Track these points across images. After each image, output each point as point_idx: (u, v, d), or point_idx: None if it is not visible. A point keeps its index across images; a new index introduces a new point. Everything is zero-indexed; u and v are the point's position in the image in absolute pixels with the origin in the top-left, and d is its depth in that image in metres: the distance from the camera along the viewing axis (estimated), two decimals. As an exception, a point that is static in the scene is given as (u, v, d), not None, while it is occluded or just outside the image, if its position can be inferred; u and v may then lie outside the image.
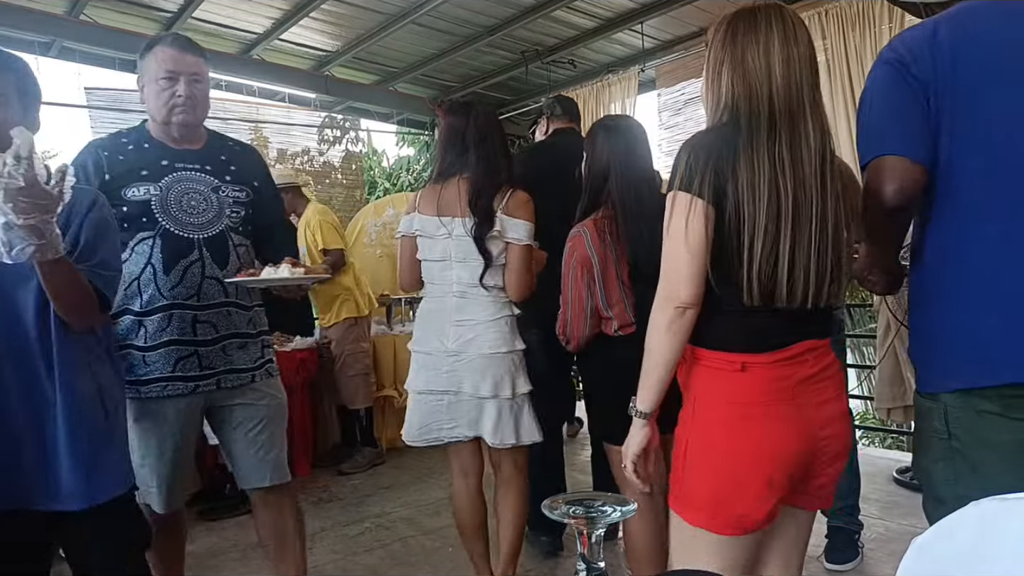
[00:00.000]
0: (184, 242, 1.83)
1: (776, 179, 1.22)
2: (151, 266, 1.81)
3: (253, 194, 1.98)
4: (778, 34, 1.27)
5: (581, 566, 0.77)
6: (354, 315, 4.26)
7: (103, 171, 1.79)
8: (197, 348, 1.85)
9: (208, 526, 3.34)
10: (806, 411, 1.28)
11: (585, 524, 0.77)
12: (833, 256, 1.28)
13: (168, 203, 1.82)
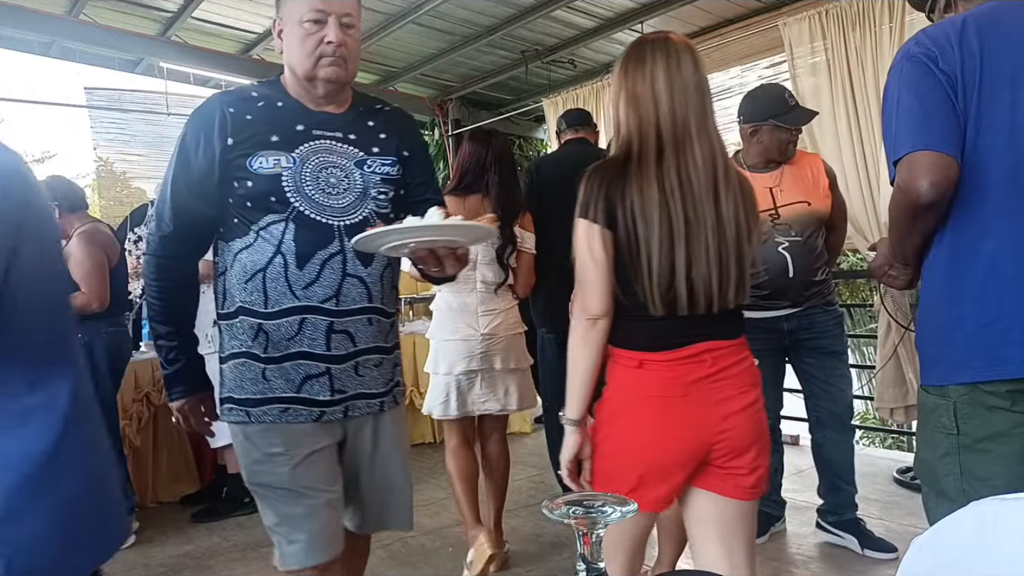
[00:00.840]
0: (322, 229, 1.44)
1: (665, 201, 1.35)
2: (281, 257, 1.43)
3: (403, 169, 1.57)
4: (662, 65, 1.42)
5: (581, 566, 0.77)
6: None
7: (226, 134, 1.43)
8: (330, 365, 1.47)
9: (208, 526, 3.34)
10: (700, 407, 1.39)
11: (585, 524, 0.76)
12: (735, 262, 1.39)
13: (303, 179, 1.44)
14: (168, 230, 1.48)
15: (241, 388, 1.49)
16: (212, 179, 1.44)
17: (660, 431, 1.39)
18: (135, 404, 3.56)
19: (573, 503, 0.80)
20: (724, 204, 1.38)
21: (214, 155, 1.43)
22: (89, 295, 2.95)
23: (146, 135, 5.59)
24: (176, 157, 1.47)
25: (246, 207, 1.44)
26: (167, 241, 1.49)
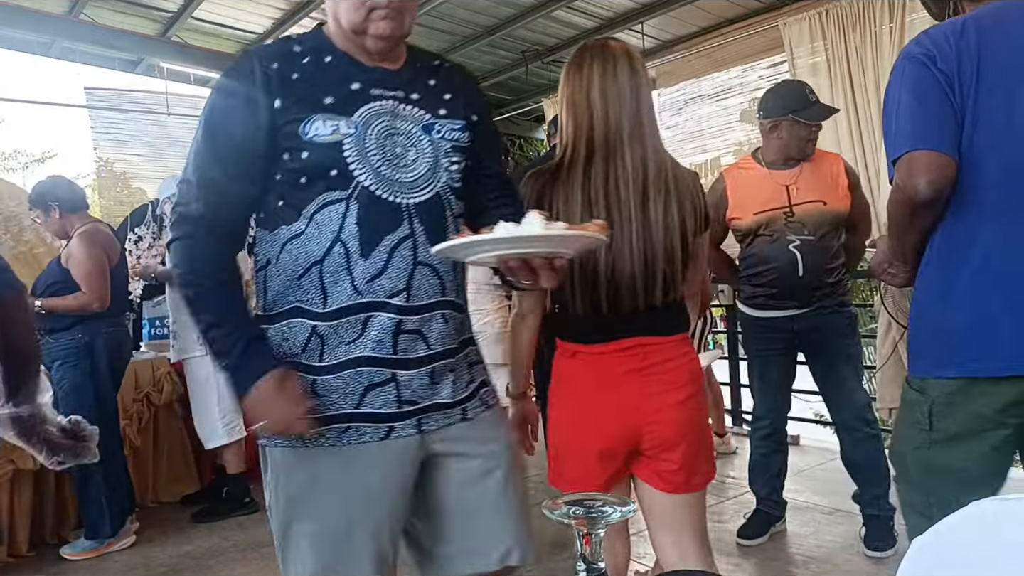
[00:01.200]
0: (389, 209, 1.17)
1: (589, 206, 1.41)
2: (342, 245, 1.16)
3: (472, 135, 1.29)
4: (598, 72, 1.46)
5: (581, 566, 0.77)
6: None
7: (272, 94, 1.15)
8: (396, 372, 1.20)
9: (208, 526, 3.34)
10: (629, 398, 1.43)
11: (585, 524, 0.76)
12: (665, 262, 1.43)
13: (367, 149, 1.17)
14: (197, 211, 1.18)
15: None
16: (256, 151, 1.16)
17: (591, 417, 1.46)
18: (135, 404, 3.56)
19: (573, 503, 0.80)
20: (652, 207, 1.42)
21: (259, 121, 1.15)
22: (90, 295, 2.95)
23: (146, 135, 5.59)
24: (204, 128, 1.19)
25: (298, 185, 1.17)
26: (197, 222, 1.18)
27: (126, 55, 5.39)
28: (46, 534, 3.19)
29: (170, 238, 1.22)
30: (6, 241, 4.33)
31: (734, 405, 5.01)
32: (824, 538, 2.84)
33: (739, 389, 4.93)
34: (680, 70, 5.43)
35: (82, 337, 2.99)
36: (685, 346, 1.50)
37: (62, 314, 2.97)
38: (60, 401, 3.01)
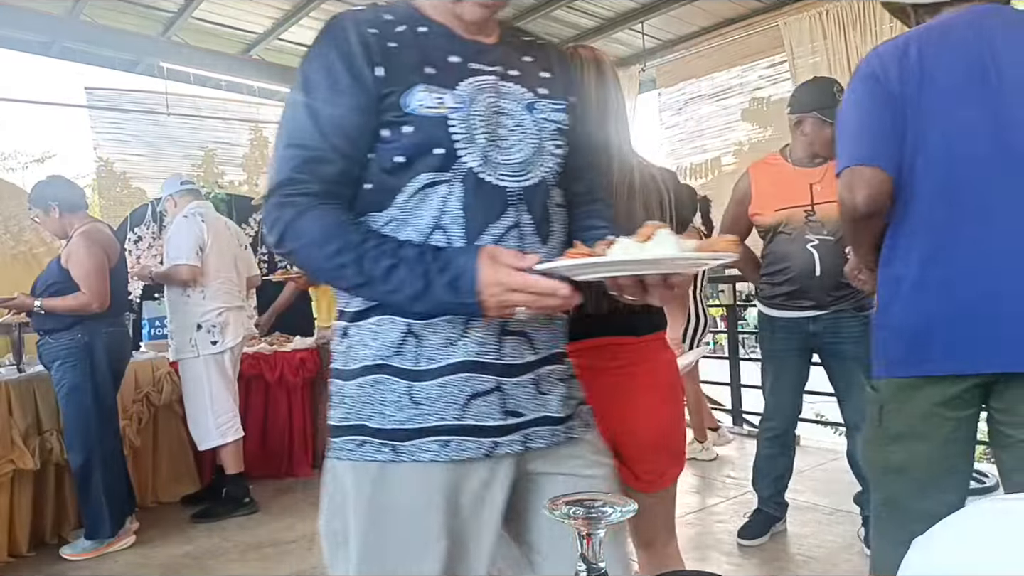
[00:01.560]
0: (496, 195, 1.06)
1: None
2: (442, 233, 1.04)
3: (571, 118, 1.18)
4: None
5: (581, 567, 0.77)
6: None
7: (373, 60, 1.03)
8: (501, 379, 1.07)
9: (208, 526, 3.34)
10: (601, 399, 1.38)
11: (585, 524, 0.76)
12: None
13: (473, 126, 1.05)
14: (306, 190, 1.03)
15: (381, 415, 1.06)
16: (359, 125, 1.03)
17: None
18: (135, 404, 3.56)
19: (573, 503, 0.80)
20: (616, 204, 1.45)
21: (363, 91, 1.02)
22: (89, 295, 2.95)
23: (146, 135, 5.59)
24: (304, 99, 1.05)
25: (393, 167, 1.04)
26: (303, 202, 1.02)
27: (126, 55, 5.40)
28: (46, 534, 3.18)
29: (279, 229, 1.03)
30: (6, 241, 4.34)
31: (734, 405, 5.01)
32: (824, 538, 2.84)
33: (739, 389, 4.93)
34: (680, 70, 5.43)
35: (82, 337, 2.99)
36: (658, 344, 1.54)
37: (62, 314, 2.97)
38: (60, 401, 3.02)
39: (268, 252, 5.41)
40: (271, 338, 4.46)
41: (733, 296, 5.01)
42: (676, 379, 1.56)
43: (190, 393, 3.47)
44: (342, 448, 1.10)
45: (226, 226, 3.74)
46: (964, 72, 1.31)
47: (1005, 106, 1.29)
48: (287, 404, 4.16)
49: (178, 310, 3.47)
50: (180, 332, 3.45)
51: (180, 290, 3.45)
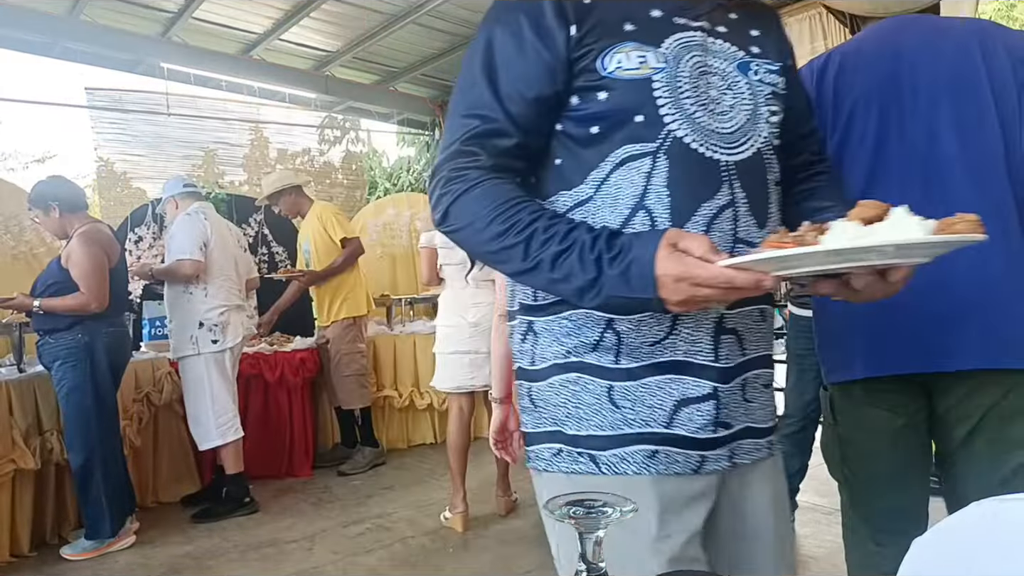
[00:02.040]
0: (707, 168, 0.90)
1: None
2: (646, 214, 0.90)
3: (787, 81, 1.02)
4: None
5: (582, 567, 0.77)
6: (352, 315, 4.18)
7: (566, 18, 0.90)
8: (717, 385, 0.92)
9: (209, 526, 3.35)
10: None
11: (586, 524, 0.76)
12: None
13: (680, 89, 0.90)
14: (476, 164, 0.92)
15: (577, 419, 0.94)
16: (547, 92, 0.92)
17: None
18: (136, 404, 3.56)
19: (573, 503, 0.80)
20: None
21: (553, 53, 0.90)
22: (88, 295, 2.95)
23: (147, 135, 5.58)
24: (483, 63, 0.93)
25: (587, 138, 0.92)
26: (474, 177, 0.91)
27: (126, 55, 5.39)
28: (47, 534, 3.19)
29: (444, 205, 0.93)
30: (6, 241, 4.33)
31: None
32: (824, 538, 2.84)
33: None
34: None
35: (82, 337, 2.99)
36: None
37: (61, 314, 2.97)
38: (60, 401, 3.02)
39: (268, 252, 5.41)
40: (271, 338, 4.47)
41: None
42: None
43: (191, 392, 3.47)
44: (539, 457, 0.98)
45: (227, 227, 3.75)
46: (875, 88, 1.36)
47: (911, 119, 1.33)
48: (287, 404, 4.16)
49: (180, 308, 3.47)
50: (181, 330, 3.45)
51: (182, 288, 3.46)
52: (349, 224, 4.23)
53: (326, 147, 6.48)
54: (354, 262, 4.21)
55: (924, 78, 1.32)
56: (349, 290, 4.19)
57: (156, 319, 4.01)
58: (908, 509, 1.43)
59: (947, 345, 1.28)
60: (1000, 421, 1.29)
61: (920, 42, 1.36)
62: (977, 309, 1.26)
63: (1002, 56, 1.29)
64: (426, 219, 5.84)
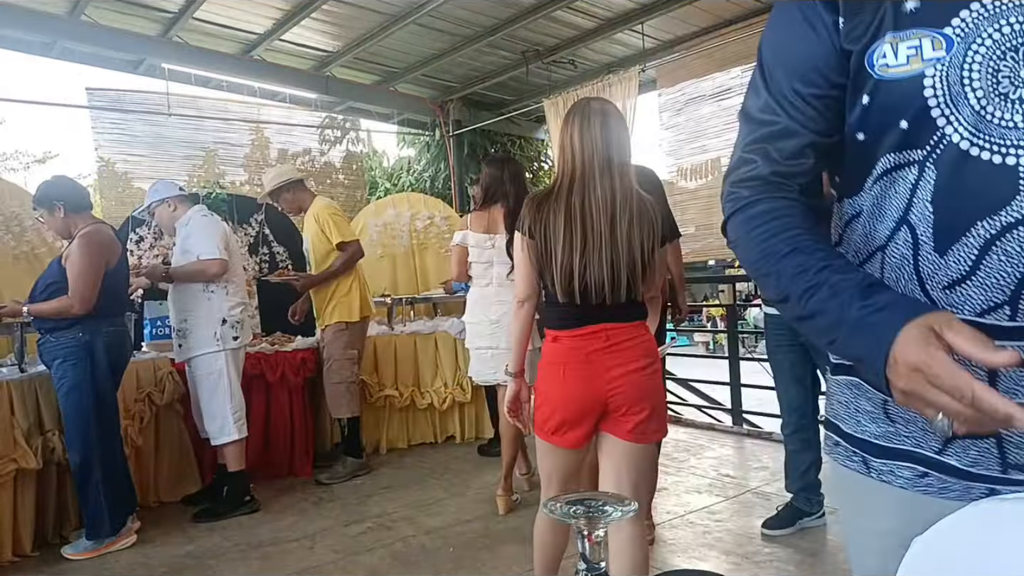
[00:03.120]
0: (992, 177, 0.74)
1: (569, 224, 1.84)
2: (908, 231, 0.80)
3: None
4: (577, 124, 1.90)
5: (582, 566, 0.77)
6: (345, 320, 4.01)
7: (834, 9, 0.80)
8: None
9: (209, 526, 3.35)
10: (595, 370, 1.83)
11: (586, 524, 0.77)
12: (627, 269, 1.84)
13: (965, 80, 0.74)
14: (755, 173, 0.87)
15: (856, 420, 0.90)
16: (821, 85, 0.83)
17: (568, 387, 1.85)
18: (137, 404, 3.56)
19: (574, 503, 0.80)
20: (618, 227, 1.83)
21: (821, 43, 0.82)
22: (71, 297, 2.94)
23: (147, 136, 5.59)
24: (759, 65, 0.88)
25: (856, 145, 0.83)
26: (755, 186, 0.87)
27: (127, 55, 5.40)
28: (49, 534, 3.19)
29: (725, 224, 0.91)
30: (7, 241, 4.34)
31: (734, 404, 5.01)
32: (824, 538, 2.84)
33: (739, 389, 4.94)
34: (680, 71, 5.43)
35: (82, 336, 2.99)
36: (640, 330, 1.90)
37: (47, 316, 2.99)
38: (60, 399, 3.02)
39: (269, 252, 5.42)
40: (272, 338, 4.47)
41: (733, 296, 5.03)
42: (657, 355, 1.92)
43: (207, 388, 3.47)
44: (825, 442, 0.98)
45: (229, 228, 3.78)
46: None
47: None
48: (288, 404, 4.16)
49: (200, 306, 3.46)
50: (203, 327, 3.44)
51: (202, 287, 3.46)
52: (348, 226, 4.08)
53: (326, 147, 6.49)
54: (352, 266, 4.06)
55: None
56: (344, 294, 4.03)
57: (157, 319, 4.00)
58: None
59: None
60: None
61: None
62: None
63: None
64: (426, 219, 5.86)
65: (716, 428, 5.01)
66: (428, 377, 4.74)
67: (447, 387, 4.73)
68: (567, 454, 1.91)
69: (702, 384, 6.05)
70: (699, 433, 4.85)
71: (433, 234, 5.86)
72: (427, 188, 7.13)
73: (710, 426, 5.10)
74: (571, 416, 1.85)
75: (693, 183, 5.38)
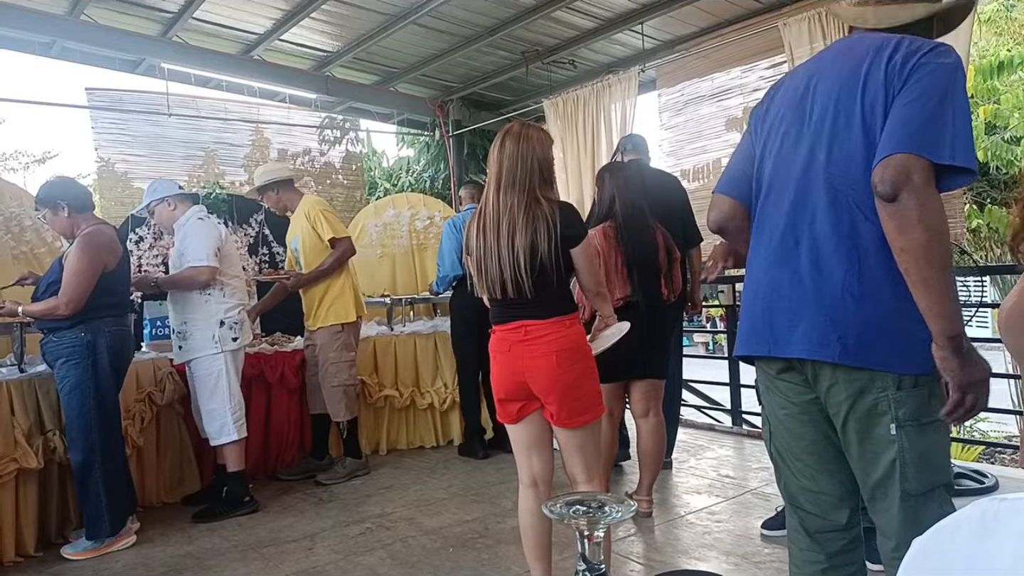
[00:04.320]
0: None
1: (481, 232, 2.13)
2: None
3: None
4: (496, 145, 2.18)
5: (581, 566, 0.77)
6: (341, 321, 3.95)
7: None
8: None
9: (208, 526, 3.35)
10: (517, 359, 2.12)
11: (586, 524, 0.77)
12: (525, 269, 2.06)
13: None
14: None
15: None
16: None
17: (497, 371, 2.18)
18: (138, 404, 3.56)
19: (573, 503, 0.80)
20: (516, 234, 2.07)
21: None
22: (60, 298, 2.92)
23: (147, 136, 5.59)
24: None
25: None
26: None
27: (127, 55, 5.40)
28: (52, 534, 3.19)
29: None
30: (7, 241, 4.33)
31: (734, 405, 5.01)
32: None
33: (738, 389, 4.94)
34: (680, 71, 5.43)
35: (85, 336, 2.99)
36: (558, 325, 2.11)
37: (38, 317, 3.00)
38: (62, 399, 3.02)
39: (269, 252, 5.42)
40: (272, 338, 4.46)
41: (732, 296, 5.01)
42: (574, 348, 2.11)
43: (207, 389, 3.47)
44: None
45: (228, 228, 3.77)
46: (789, 103, 1.48)
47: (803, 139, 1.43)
48: (287, 404, 4.16)
49: (198, 309, 3.47)
50: (201, 330, 3.45)
51: (199, 289, 3.47)
52: (339, 222, 3.99)
53: (326, 147, 6.48)
54: (344, 264, 3.97)
55: (819, 100, 1.42)
56: (338, 295, 3.95)
57: (157, 319, 4.00)
58: (823, 494, 1.51)
59: (783, 335, 1.42)
60: (861, 420, 1.38)
61: (828, 63, 1.45)
62: (810, 308, 1.38)
63: (881, 71, 1.33)
64: (426, 219, 5.85)
65: (716, 429, 5.02)
66: (428, 377, 4.74)
67: (447, 387, 4.73)
68: (512, 429, 2.23)
69: (701, 384, 6.05)
70: (699, 434, 4.85)
71: (433, 234, 5.85)
72: (427, 188, 7.13)
73: (710, 427, 5.11)
74: (502, 396, 2.19)
75: (693, 184, 5.37)
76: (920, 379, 1.33)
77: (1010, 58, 6.19)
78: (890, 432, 1.34)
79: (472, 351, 4.41)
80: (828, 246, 1.36)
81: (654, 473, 3.20)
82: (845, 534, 1.50)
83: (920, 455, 1.34)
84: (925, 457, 1.34)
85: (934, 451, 1.36)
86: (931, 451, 1.35)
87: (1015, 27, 8.25)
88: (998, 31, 8.28)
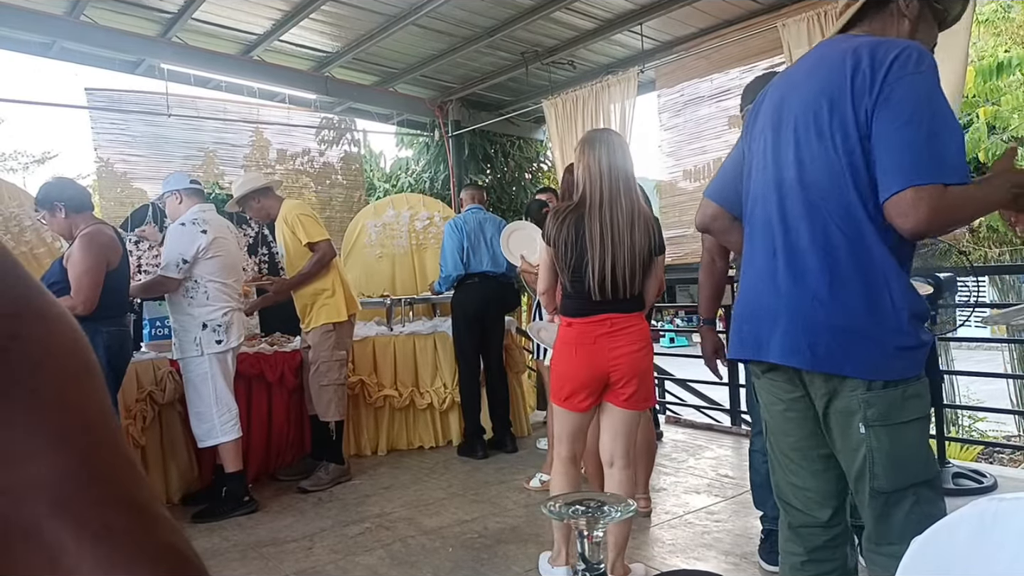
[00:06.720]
0: None
1: (600, 232, 2.26)
2: None
3: None
4: (606, 151, 2.30)
5: (581, 566, 0.78)
6: (332, 320, 3.92)
7: None
8: None
9: (208, 526, 3.35)
10: (600, 351, 2.28)
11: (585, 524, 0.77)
12: (638, 269, 2.29)
13: None
14: None
15: None
16: None
17: (577, 363, 2.30)
18: (138, 404, 3.56)
19: (573, 503, 0.80)
20: (633, 237, 2.27)
21: None
22: (75, 298, 2.94)
23: (147, 136, 5.58)
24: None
25: None
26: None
27: (126, 56, 5.40)
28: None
29: None
30: (6, 242, 4.33)
31: (732, 405, 5.02)
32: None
33: (738, 389, 4.94)
34: (679, 72, 5.43)
35: (83, 337, 2.99)
36: (639, 319, 2.34)
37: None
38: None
39: (268, 253, 5.41)
40: (272, 338, 4.45)
41: (731, 297, 5.01)
42: (650, 339, 2.37)
43: (194, 390, 3.47)
44: None
45: (228, 228, 3.74)
46: (770, 114, 1.51)
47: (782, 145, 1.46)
48: (287, 404, 4.16)
49: (182, 311, 3.48)
50: (184, 332, 3.46)
51: (183, 292, 3.47)
52: (317, 225, 3.94)
53: (325, 148, 6.48)
54: (326, 265, 3.92)
55: (795, 105, 1.44)
56: (328, 295, 3.94)
57: (157, 319, 4.00)
58: (808, 490, 1.55)
59: (765, 340, 1.47)
60: (838, 417, 1.42)
61: (802, 75, 1.47)
62: (784, 315, 1.43)
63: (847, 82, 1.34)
64: (425, 219, 5.84)
65: (714, 428, 5.02)
66: (427, 377, 4.74)
67: (446, 387, 4.73)
68: (576, 417, 2.35)
69: (700, 384, 6.05)
70: (697, 433, 4.85)
71: (432, 234, 5.85)
72: (426, 189, 7.12)
73: (708, 426, 5.11)
74: (579, 386, 2.30)
75: (693, 184, 5.38)
76: (891, 381, 1.35)
77: (1008, 59, 6.20)
78: (859, 431, 1.37)
79: (473, 351, 4.43)
80: (802, 255, 1.42)
81: (648, 469, 3.21)
82: (827, 531, 1.53)
83: (888, 455, 1.36)
84: (894, 456, 1.36)
85: (907, 451, 1.38)
86: (902, 451, 1.37)
87: (1013, 28, 8.25)
88: (996, 32, 8.29)
